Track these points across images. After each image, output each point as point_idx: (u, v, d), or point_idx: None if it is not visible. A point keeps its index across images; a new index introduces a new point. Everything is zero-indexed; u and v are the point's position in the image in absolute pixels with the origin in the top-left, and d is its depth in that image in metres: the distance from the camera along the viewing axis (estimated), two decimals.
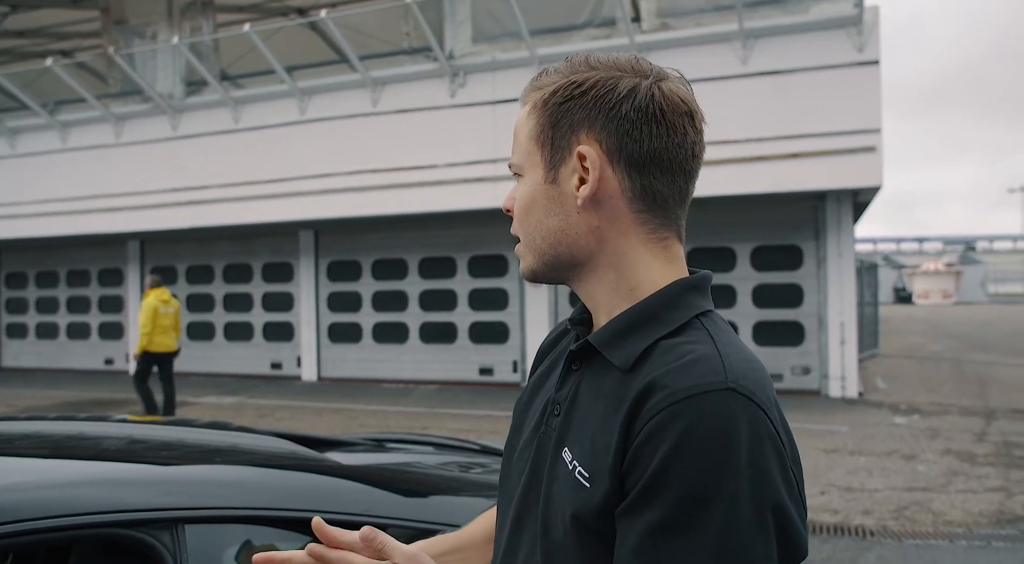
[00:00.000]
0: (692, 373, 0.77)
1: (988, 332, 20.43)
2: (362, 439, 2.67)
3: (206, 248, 13.72)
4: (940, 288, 41.97)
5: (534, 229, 0.90)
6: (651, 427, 0.75)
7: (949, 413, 8.70)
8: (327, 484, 1.75)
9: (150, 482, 1.47)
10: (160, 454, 1.84)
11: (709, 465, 0.72)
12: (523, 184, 0.91)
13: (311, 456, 1.95)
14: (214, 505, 1.44)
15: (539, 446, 0.91)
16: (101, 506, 1.29)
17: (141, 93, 12.06)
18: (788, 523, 0.75)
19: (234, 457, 1.85)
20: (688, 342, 0.82)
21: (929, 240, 72.10)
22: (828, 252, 9.83)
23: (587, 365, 0.90)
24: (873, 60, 8.52)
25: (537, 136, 0.89)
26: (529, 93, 0.91)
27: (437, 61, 10.18)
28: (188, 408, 10.07)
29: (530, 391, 1.02)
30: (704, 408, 0.74)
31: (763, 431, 0.75)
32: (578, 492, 0.81)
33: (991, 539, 4.65)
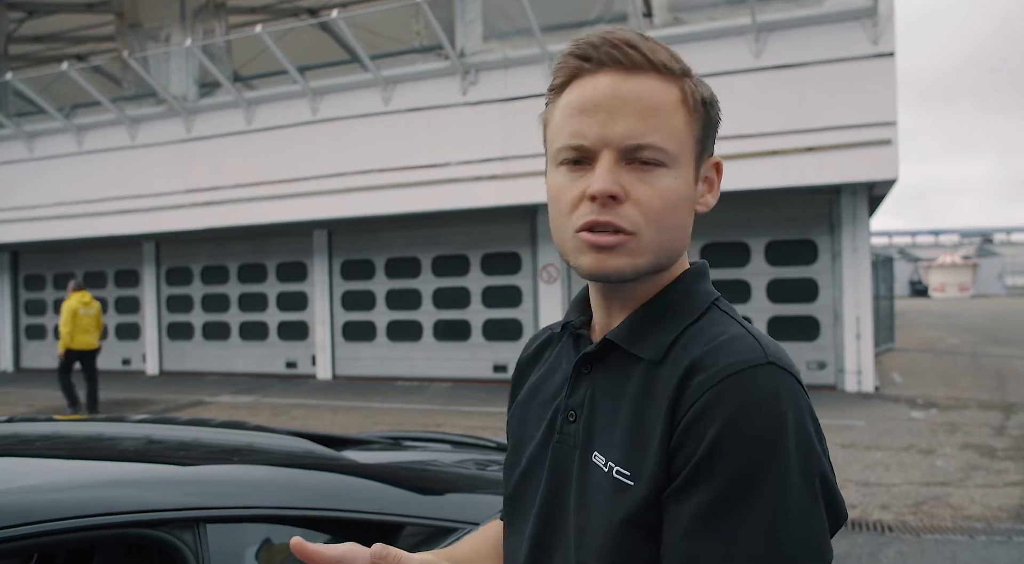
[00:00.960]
0: (732, 351, 0.78)
1: (1006, 325, 20.23)
2: (379, 437, 2.68)
3: (220, 248, 13.80)
4: (957, 281, 41.58)
5: (675, 228, 0.85)
6: (700, 406, 0.75)
7: (967, 407, 8.63)
8: (345, 483, 1.76)
9: (171, 482, 1.48)
10: (179, 454, 1.86)
11: (762, 440, 0.73)
12: (669, 177, 0.83)
13: (328, 455, 1.96)
14: (234, 505, 1.45)
15: (556, 456, 0.89)
16: (122, 506, 1.30)
17: (155, 96, 12.15)
18: (832, 490, 0.78)
19: (252, 456, 1.86)
20: (715, 325, 0.84)
21: (945, 233, 71.42)
22: (843, 246, 9.76)
23: (600, 367, 0.89)
24: (888, 52, 8.44)
25: (697, 135, 0.86)
26: (650, 68, 0.82)
27: (448, 59, 10.19)
28: (204, 408, 10.14)
29: (523, 406, 1.00)
30: (750, 384, 0.75)
31: (803, 403, 0.78)
32: (622, 494, 0.80)
33: (1011, 534, 4.61)
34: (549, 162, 0.88)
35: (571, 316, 0.98)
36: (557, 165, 0.86)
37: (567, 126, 0.83)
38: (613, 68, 0.81)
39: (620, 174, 0.81)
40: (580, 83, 0.83)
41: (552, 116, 0.88)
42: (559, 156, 0.85)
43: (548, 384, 0.97)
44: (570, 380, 0.91)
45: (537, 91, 9.68)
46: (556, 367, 0.98)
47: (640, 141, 0.80)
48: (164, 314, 14.42)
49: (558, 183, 0.85)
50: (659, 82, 0.82)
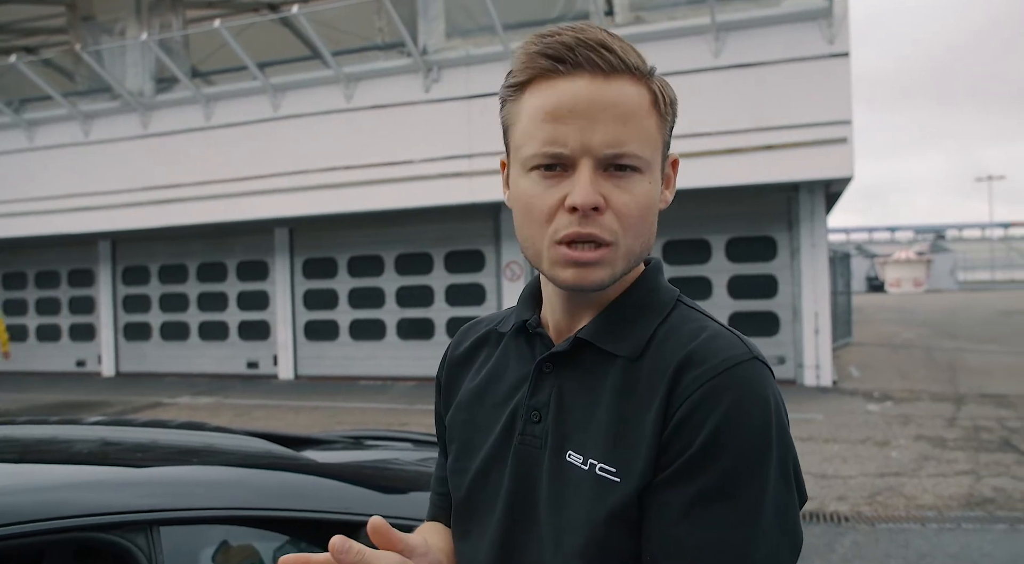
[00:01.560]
0: (720, 347, 0.81)
1: (958, 319, 20.79)
2: (339, 437, 2.67)
3: (179, 247, 13.56)
4: (911, 276, 42.58)
5: (648, 232, 0.85)
6: (693, 401, 0.77)
7: (920, 399, 8.85)
8: (304, 482, 1.74)
9: (124, 484, 1.46)
10: (134, 456, 1.83)
11: (755, 434, 0.77)
12: (644, 183, 0.82)
13: (287, 455, 1.94)
14: (190, 506, 1.43)
15: (519, 457, 0.88)
16: (73, 509, 1.27)
17: (110, 90, 11.88)
18: (800, 474, 0.83)
19: (209, 457, 1.84)
20: (690, 321, 0.86)
21: (901, 229, 73.05)
22: (802, 243, 9.94)
23: (565, 365, 0.88)
24: (843, 52, 8.61)
25: (663, 139, 0.85)
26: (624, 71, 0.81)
27: (411, 56, 10.13)
28: (163, 409, 9.97)
29: (467, 409, 0.97)
30: (742, 379, 0.78)
31: (779, 395, 0.82)
32: (607, 490, 0.80)
33: (961, 521, 4.74)
34: (516, 165, 0.85)
35: (524, 314, 0.96)
36: (528, 170, 0.82)
37: (541, 132, 0.80)
38: (590, 72, 0.79)
39: (600, 183, 0.79)
40: (553, 86, 0.80)
41: (517, 117, 0.84)
42: (531, 162, 0.82)
43: (498, 385, 0.94)
44: (532, 380, 0.89)
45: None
46: (504, 367, 0.95)
47: (620, 149, 0.79)
48: (120, 314, 14.12)
49: (530, 190, 0.82)
50: (633, 85, 0.81)
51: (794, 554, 0.78)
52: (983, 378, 10.29)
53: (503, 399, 0.93)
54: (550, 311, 0.93)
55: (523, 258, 10.58)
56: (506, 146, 0.88)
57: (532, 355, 0.92)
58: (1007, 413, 7.90)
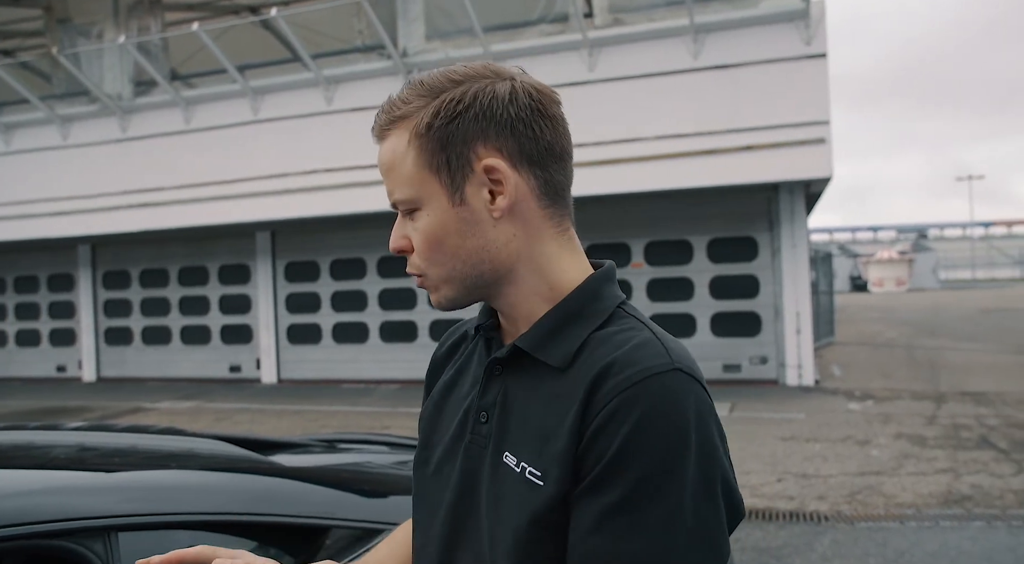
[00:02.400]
0: (640, 357, 0.80)
1: (939, 318, 20.98)
2: (313, 441, 2.64)
3: (160, 251, 13.45)
4: (894, 276, 42.94)
5: (451, 257, 0.87)
6: (608, 411, 0.77)
7: (901, 398, 8.92)
8: (269, 486, 1.73)
9: (79, 489, 1.43)
10: (91, 461, 1.80)
11: (667, 443, 0.76)
12: (423, 216, 0.87)
13: (252, 458, 1.92)
14: (150, 511, 1.41)
15: (467, 456, 0.90)
16: (24, 517, 1.25)
17: (88, 94, 11.78)
18: (731, 489, 0.82)
19: (171, 461, 1.82)
20: (623, 330, 0.85)
21: (883, 229, 73.68)
22: (782, 243, 10.00)
23: (512, 369, 0.90)
24: (820, 53, 8.67)
25: (428, 163, 0.85)
26: (390, 124, 0.88)
27: (391, 59, 10.11)
28: (144, 414, 9.88)
29: (435, 402, 1.00)
30: (657, 389, 0.77)
31: (705, 407, 0.80)
32: (532, 493, 0.81)
33: (939, 519, 4.78)
34: None
35: (482, 318, 0.99)
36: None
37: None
38: (377, 140, 0.90)
39: (405, 226, 0.90)
40: None
41: None
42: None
43: (460, 383, 0.98)
44: (482, 381, 0.91)
45: None
46: (467, 367, 0.99)
47: (392, 199, 0.89)
48: (101, 319, 13.99)
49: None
50: (396, 136, 0.87)
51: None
52: (963, 376, 10.39)
53: (463, 397, 0.95)
54: (500, 317, 0.95)
55: None
56: None
57: (487, 357, 0.94)
58: (986, 411, 7.97)
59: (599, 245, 10.74)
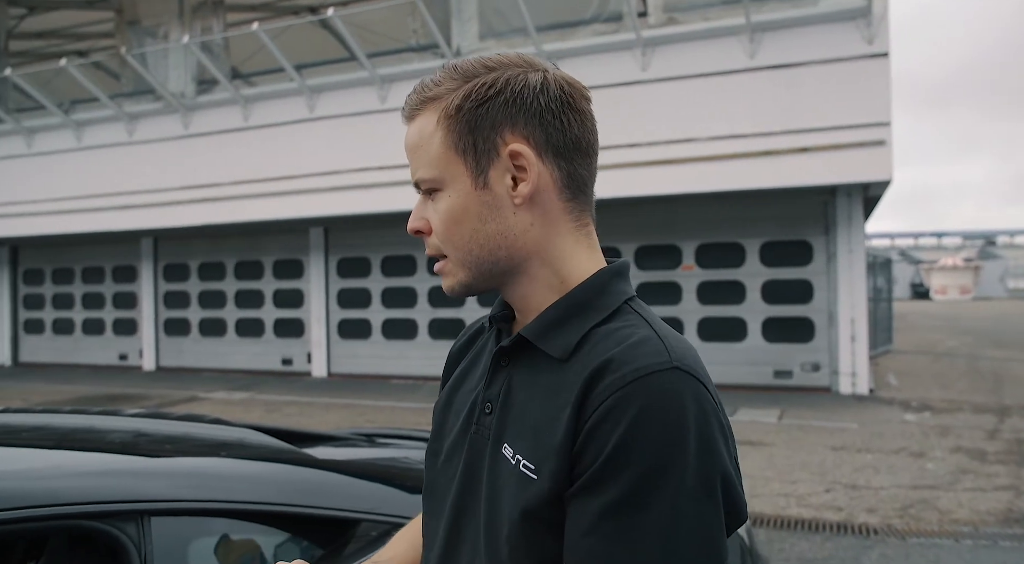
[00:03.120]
0: (638, 354, 0.79)
1: (1006, 327, 20.19)
2: (351, 434, 2.68)
3: (217, 245, 13.82)
4: (958, 283, 41.52)
5: (469, 240, 0.88)
6: (604, 409, 0.76)
7: (961, 410, 8.61)
8: (302, 476, 1.75)
9: (115, 473, 1.47)
10: (127, 445, 1.85)
11: (664, 442, 0.75)
12: (445, 197, 0.88)
13: (284, 449, 1.95)
14: (184, 498, 1.45)
15: (471, 447, 0.90)
16: (62, 498, 1.29)
17: (153, 92, 12.16)
18: (733, 490, 0.79)
19: (205, 449, 1.86)
20: (625, 326, 0.85)
21: (948, 235, 71.29)
22: (838, 247, 9.74)
23: (517, 360, 0.90)
24: (882, 52, 8.42)
25: (455, 145, 0.87)
26: (421, 105, 0.89)
27: (444, 58, 10.17)
28: (198, 403, 10.15)
29: (448, 393, 1.02)
30: (655, 387, 0.76)
31: (707, 406, 0.78)
32: (525, 486, 0.81)
33: (997, 538, 4.59)
34: None
35: (496, 309, 0.99)
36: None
37: None
38: (406, 120, 0.92)
39: (425, 208, 0.91)
40: None
41: None
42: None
43: (472, 374, 0.99)
44: (488, 372, 0.92)
45: None
46: (478, 359, 1.00)
47: (414, 179, 0.90)
48: (161, 310, 14.43)
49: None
50: (425, 116, 0.88)
51: None
52: None
53: (472, 388, 0.96)
54: (514, 309, 0.96)
55: None
56: None
57: (495, 348, 0.94)
58: None
59: (649, 246, 10.63)
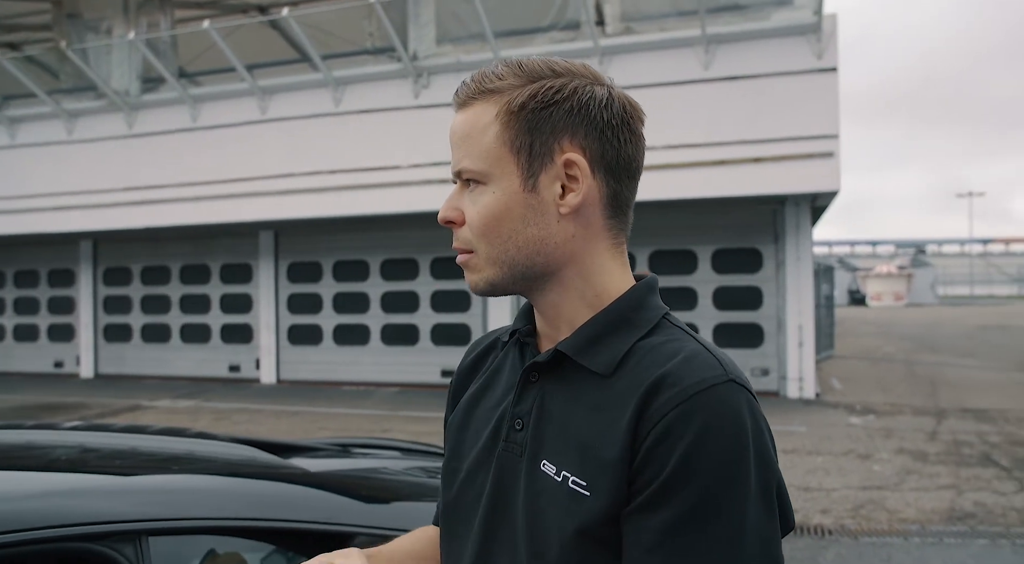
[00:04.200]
0: (694, 368, 0.79)
1: (938, 333, 20.99)
2: (327, 444, 2.63)
3: (162, 248, 13.43)
4: (892, 290, 43.00)
5: (507, 240, 0.86)
6: (665, 424, 0.76)
7: (902, 413, 8.91)
8: (293, 492, 1.71)
9: (110, 492, 1.42)
10: (115, 463, 1.78)
11: (728, 457, 0.75)
12: (488, 192, 0.86)
13: (276, 463, 1.90)
14: (179, 516, 1.40)
15: (501, 464, 0.89)
16: (57, 519, 1.23)
17: (95, 89, 11.77)
18: (784, 498, 0.82)
19: (195, 465, 1.80)
20: (670, 341, 0.85)
21: (882, 243, 73.85)
22: (787, 255, 10.00)
23: (550, 376, 0.89)
24: (831, 67, 8.69)
25: (511, 142, 0.85)
26: (478, 95, 0.87)
27: (401, 62, 10.11)
28: (142, 412, 9.84)
29: (465, 411, 0.99)
30: (716, 402, 0.77)
31: (760, 419, 0.80)
32: (577, 503, 0.80)
33: (943, 535, 4.76)
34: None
35: (519, 323, 0.97)
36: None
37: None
38: (457, 107, 0.90)
39: (461, 199, 0.88)
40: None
41: None
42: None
43: (492, 391, 0.96)
44: (517, 388, 0.90)
45: None
46: (499, 374, 0.97)
47: (456, 168, 0.88)
48: (101, 315, 13.95)
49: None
50: (481, 107, 0.86)
51: None
52: (964, 392, 10.38)
53: (494, 405, 0.94)
54: (538, 322, 0.94)
55: None
56: None
57: (522, 363, 0.93)
58: (987, 428, 7.97)
59: None
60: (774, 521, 0.78)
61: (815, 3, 8.53)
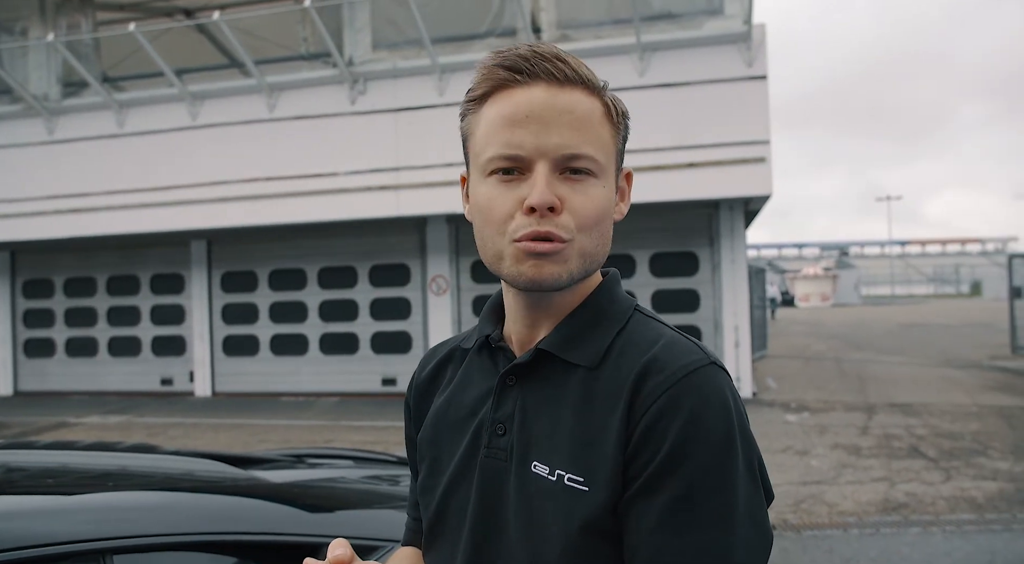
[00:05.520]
0: (678, 353, 0.83)
1: (863, 332, 21.80)
2: (282, 456, 2.58)
3: (87, 259, 12.90)
4: (819, 291, 44.44)
5: (603, 235, 0.87)
6: (657, 409, 0.79)
7: (835, 409, 9.21)
8: (257, 505, 1.66)
9: (72, 511, 1.35)
10: (81, 483, 1.70)
11: (718, 437, 0.78)
12: (599, 186, 0.85)
13: (239, 476, 1.85)
14: (144, 533, 1.34)
15: (484, 472, 0.88)
16: (17, 541, 1.17)
17: (11, 93, 11.25)
18: (764, 471, 0.85)
19: (142, 480, 1.73)
20: (647, 329, 0.88)
21: (808, 246, 76.35)
22: (722, 258, 10.24)
23: (527, 378, 0.89)
24: (761, 75, 8.96)
25: (617, 145, 0.89)
26: (580, 80, 0.85)
27: (336, 67, 9.98)
28: (69, 430, 9.42)
29: (435, 425, 0.97)
30: (703, 384, 0.80)
31: (739, 398, 0.84)
32: (577, 499, 0.81)
33: (879, 526, 4.95)
34: (475, 173, 0.87)
35: (486, 329, 0.96)
36: (486, 175, 0.85)
37: (498, 136, 0.83)
38: (545, 81, 0.82)
39: (555, 185, 0.82)
40: (510, 94, 0.83)
41: (475, 127, 0.87)
42: (490, 166, 0.84)
43: (461, 401, 0.95)
44: (495, 393, 0.90)
45: (428, 102, 9.62)
46: (467, 382, 0.96)
47: (575, 151, 0.82)
48: (20, 329, 13.31)
49: (489, 194, 0.84)
50: (586, 95, 0.84)
51: (767, 553, 0.80)
52: (890, 388, 10.80)
53: (467, 415, 0.93)
54: (512, 324, 0.93)
55: (449, 272, 10.42)
56: (466, 158, 0.91)
57: (495, 369, 0.93)
58: (914, 421, 8.31)
59: None
60: (760, 493, 0.82)
61: (745, 13, 8.79)
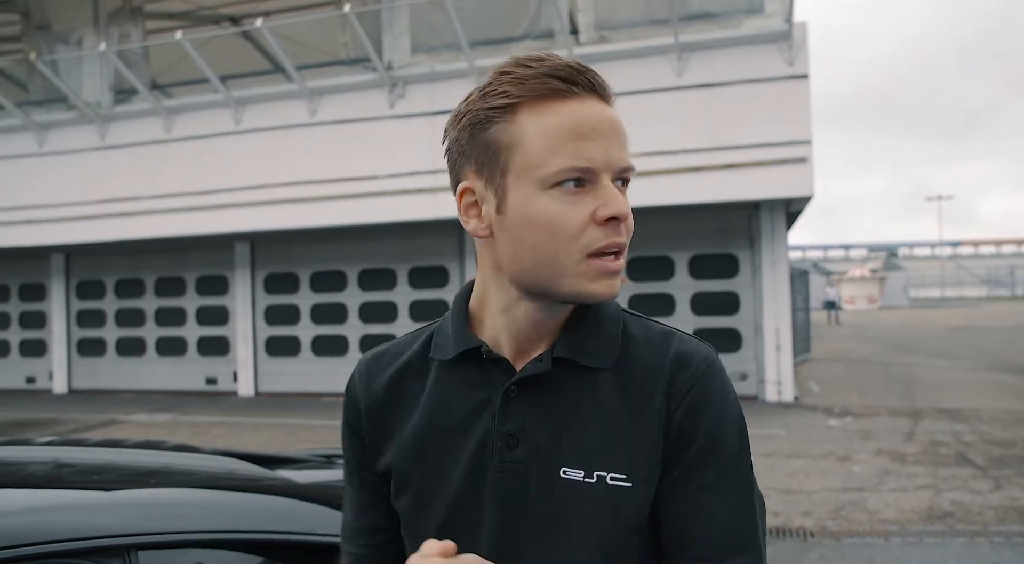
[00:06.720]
0: (693, 348, 0.90)
1: (911, 335, 21.28)
2: (311, 456, 2.61)
3: (136, 261, 13.26)
4: (866, 293, 43.50)
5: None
6: (693, 397, 0.86)
7: (879, 414, 9.01)
8: (282, 504, 1.70)
9: (96, 507, 1.40)
10: (95, 478, 1.75)
11: (738, 423, 0.89)
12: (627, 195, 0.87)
13: (263, 475, 1.89)
14: (169, 529, 1.38)
15: (501, 487, 0.86)
16: (45, 535, 1.22)
17: (66, 101, 11.62)
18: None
19: (185, 478, 1.78)
20: (645, 326, 0.93)
21: (854, 247, 74.76)
22: (763, 260, 10.10)
23: (535, 386, 0.87)
24: (803, 74, 8.81)
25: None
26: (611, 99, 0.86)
27: (375, 72, 10.10)
28: (117, 427, 9.69)
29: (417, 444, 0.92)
30: (719, 375, 0.89)
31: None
32: (620, 498, 0.84)
33: (922, 535, 4.82)
34: (527, 185, 0.82)
35: (469, 340, 0.91)
36: (548, 188, 0.81)
37: (566, 148, 0.80)
38: (600, 96, 0.84)
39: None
40: (566, 105, 0.81)
41: (516, 136, 0.82)
42: (556, 178, 0.80)
43: (447, 417, 0.90)
44: (500, 406, 0.87)
45: None
46: (449, 397, 0.91)
47: (628, 164, 0.86)
48: (74, 329, 13.74)
49: (554, 207, 0.81)
50: (615, 111, 0.87)
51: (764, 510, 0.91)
52: (938, 393, 10.53)
53: (457, 431, 0.89)
54: (506, 334, 0.89)
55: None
56: (494, 166, 0.84)
57: (487, 380, 0.89)
58: (962, 427, 8.09)
59: None
60: (752, 467, 0.91)
61: (786, 11, 8.65)
